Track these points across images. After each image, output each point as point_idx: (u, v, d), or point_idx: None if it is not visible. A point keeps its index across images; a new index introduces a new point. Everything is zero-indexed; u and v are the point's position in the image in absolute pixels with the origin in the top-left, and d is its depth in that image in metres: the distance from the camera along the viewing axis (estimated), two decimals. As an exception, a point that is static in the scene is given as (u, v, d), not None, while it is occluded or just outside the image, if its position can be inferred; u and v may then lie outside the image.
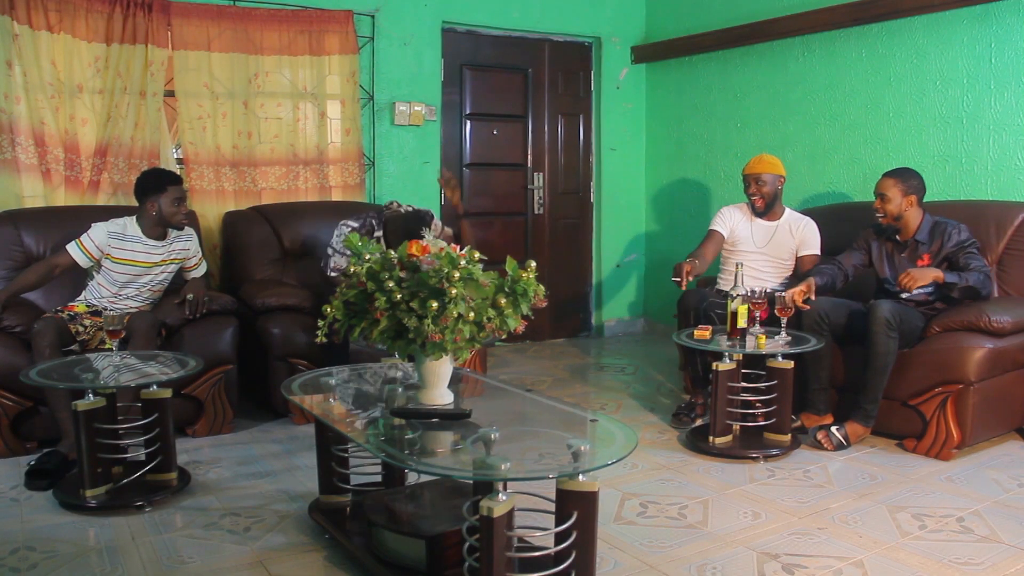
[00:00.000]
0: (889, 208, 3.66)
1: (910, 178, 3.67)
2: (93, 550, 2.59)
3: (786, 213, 4.17)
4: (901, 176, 3.68)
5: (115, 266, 3.60)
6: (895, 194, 3.64)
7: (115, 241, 3.59)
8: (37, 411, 3.41)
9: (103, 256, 3.59)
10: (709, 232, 4.21)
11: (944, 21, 4.30)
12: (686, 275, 3.75)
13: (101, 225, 3.60)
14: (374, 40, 5.08)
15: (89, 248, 3.56)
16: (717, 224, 4.20)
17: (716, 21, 5.48)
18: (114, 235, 3.59)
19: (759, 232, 4.13)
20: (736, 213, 4.21)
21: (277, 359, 3.85)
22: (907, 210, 3.65)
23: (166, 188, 3.61)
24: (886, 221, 3.70)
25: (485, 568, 1.96)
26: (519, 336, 2.44)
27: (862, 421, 3.54)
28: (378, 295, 2.31)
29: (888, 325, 3.39)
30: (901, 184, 3.64)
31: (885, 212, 3.68)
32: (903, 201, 3.64)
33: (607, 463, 2.11)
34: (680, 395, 4.39)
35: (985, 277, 3.50)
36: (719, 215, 4.23)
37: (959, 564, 2.51)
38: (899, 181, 3.65)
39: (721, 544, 2.66)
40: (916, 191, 3.66)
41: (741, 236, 4.15)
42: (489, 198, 5.79)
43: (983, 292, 3.49)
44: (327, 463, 2.74)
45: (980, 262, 3.54)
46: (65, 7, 4.17)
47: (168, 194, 3.61)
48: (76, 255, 3.56)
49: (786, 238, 4.11)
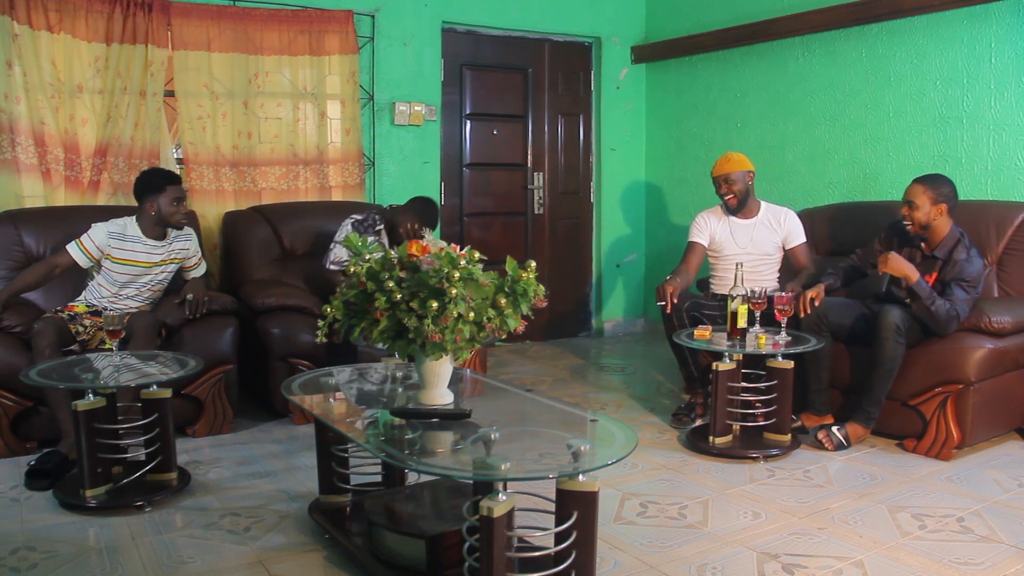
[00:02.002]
0: (917, 216, 3.48)
1: (941, 186, 3.48)
2: (93, 550, 2.59)
3: (763, 208, 4.12)
4: (932, 183, 3.48)
5: (115, 266, 3.60)
6: (924, 202, 3.46)
7: (115, 241, 3.59)
8: (37, 411, 3.41)
9: (103, 256, 3.59)
10: (690, 245, 4.15)
11: (944, 21, 4.30)
12: (670, 297, 3.77)
13: (101, 225, 3.60)
14: (374, 40, 5.08)
15: (89, 248, 3.56)
16: (695, 235, 4.15)
17: (716, 21, 5.48)
18: (114, 235, 3.59)
19: (739, 232, 4.08)
20: (711, 218, 4.15)
21: (277, 359, 3.85)
22: (936, 219, 3.47)
23: (165, 188, 3.60)
24: (914, 229, 3.53)
25: (485, 568, 1.96)
26: (519, 336, 2.44)
27: (863, 422, 3.54)
28: (378, 295, 2.31)
29: (897, 331, 3.38)
30: (931, 192, 3.45)
31: (913, 220, 3.50)
32: (932, 210, 3.46)
33: (607, 463, 2.11)
34: (680, 395, 4.39)
35: (951, 314, 3.34)
36: (695, 225, 4.17)
37: (959, 564, 2.51)
38: (929, 188, 3.46)
39: (721, 544, 2.66)
40: (947, 199, 3.46)
41: (722, 240, 4.10)
42: (489, 198, 5.79)
43: (940, 324, 3.36)
44: (327, 463, 2.74)
45: (963, 297, 3.37)
46: (65, 7, 4.17)
47: (167, 194, 3.60)
48: (76, 255, 3.56)
49: (768, 233, 4.07)
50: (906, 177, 4.40)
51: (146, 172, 3.77)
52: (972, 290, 3.41)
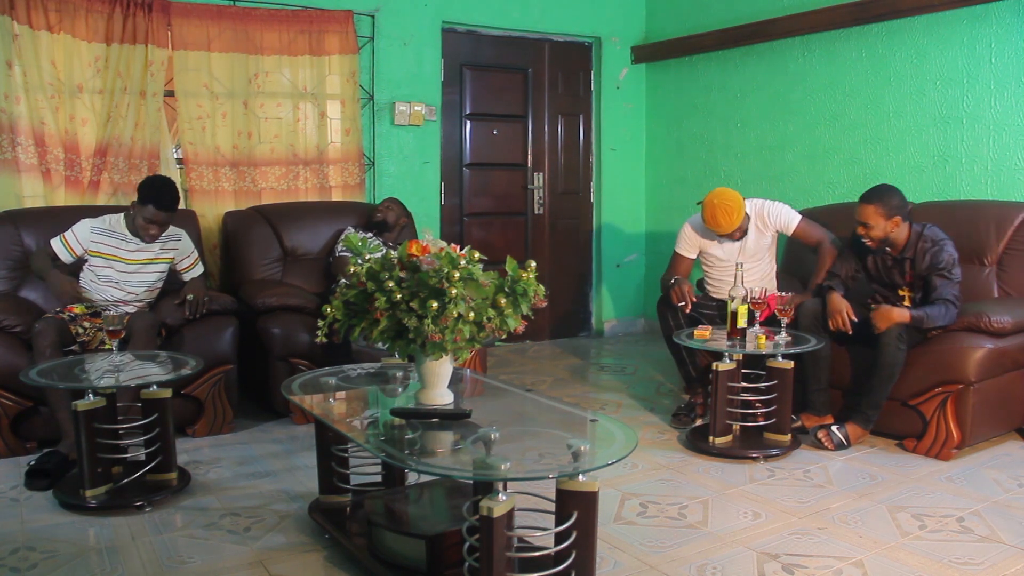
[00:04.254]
0: (874, 234, 3.49)
1: (890, 199, 3.46)
2: (93, 550, 2.59)
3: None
4: (881, 200, 3.46)
5: (97, 260, 3.61)
6: (877, 221, 3.46)
7: (98, 236, 3.61)
8: (37, 411, 3.41)
9: (84, 252, 3.60)
10: (676, 256, 4.11)
11: (944, 21, 4.30)
12: (688, 296, 3.79)
13: (86, 221, 3.63)
14: (374, 40, 5.07)
15: (71, 243, 3.59)
16: (683, 248, 4.10)
17: (716, 21, 5.48)
18: (97, 230, 3.62)
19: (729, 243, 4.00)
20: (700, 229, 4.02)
21: (277, 359, 3.85)
22: (892, 231, 3.49)
23: (146, 204, 3.55)
24: (874, 245, 3.55)
25: (485, 568, 1.96)
26: (519, 336, 2.44)
27: (861, 424, 3.55)
28: (378, 295, 2.31)
29: (899, 337, 3.38)
30: (882, 208, 3.45)
31: (871, 238, 3.52)
32: (887, 224, 3.47)
33: (607, 463, 2.11)
34: (680, 395, 4.39)
35: (946, 306, 3.37)
36: (682, 238, 4.10)
37: (959, 564, 2.51)
38: (879, 206, 3.45)
39: (721, 544, 2.66)
40: (899, 211, 3.46)
41: (712, 251, 4.05)
42: (489, 198, 5.79)
43: (942, 323, 3.39)
44: (327, 463, 2.74)
45: (947, 286, 3.39)
46: (65, 7, 4.17)
47: (147, 211, 3.55)
48: (58, 249, 3.60)
49: (757, 236, 3.99)
50: (906, 177, 4.43)
51: (151, 179, 3.72)
52: (951, 275, 3.42)
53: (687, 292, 3.80)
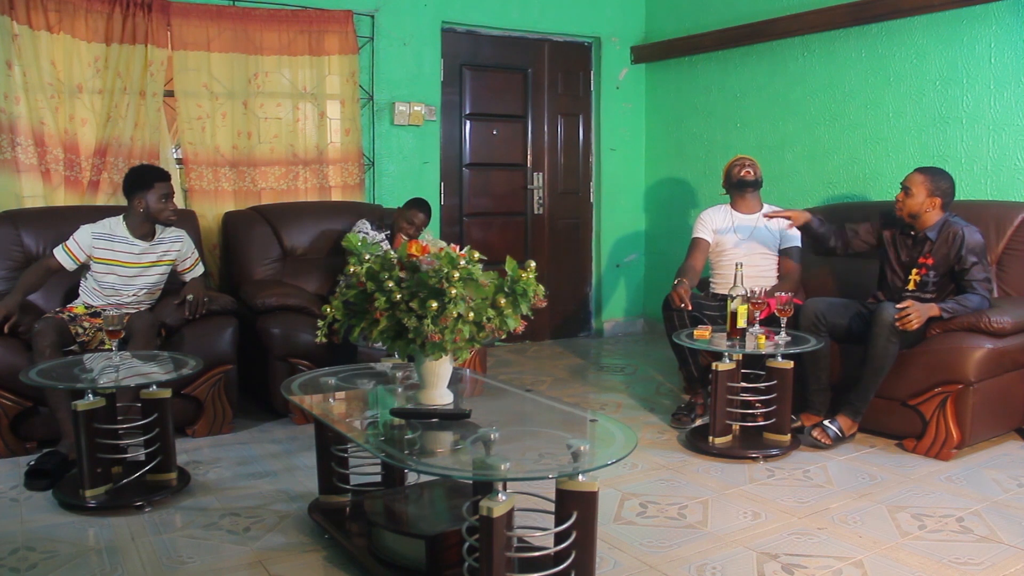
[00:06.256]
0: (910, 203, 3.52)
1: (940, 180, 3.51)
2: (93, 550, 2.59)
3: (765, 208, 4.17)
4: (932, 176, 3.51)
5: (99, 267, 3.59)
6: (920, 191, 3.50)
7: (99, 242, 3.58)
8: (37, 411, 3.41)
9: (88, 258, 3.58)
10: (695, 241, 4.19)
11: (944, 21, 4.30)
12: (686, 299, 3.80)
13: (86, 227, 3.60)
14: (374, 40, 5.08)
15: (74, 251, 3.56)
16: (700, 231, 4.19)
17: (716, 21, 5.48)
18: (98, 235, 3.58)
19: (741, 225, 4.14)
20: (716, 214, 4.20)
21: (277, 359, 3.85)
22: (928, 211, 3.52)
23: (153, 184, 3.58)
24: (903, 215, 3.57)
25: (485, 568, 1.96)
26: (519, 336, 2.44)
27: (850, 416, 3.55)
28: (378, 295, 2.31)
29: (891, 330, 3.38)
30: (929, 184, 3.49)
31: (904, 205, 3.54)
32: (926, 201, 3.50)
33: (607, 463, 2.11)
34: (680, 395, 4.39)
35: (983, 298, 3.42)
36: (700, 221, 4.22)
37: (959, 564, 2.51)
38: (928, 180, 3.49)
39: (721, 544, 2.66)
40: (943, 195, 3.50)
41: (724, 233, 4.15)
42: (489, 198, 5.79)
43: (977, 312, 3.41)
44: (327, 463, 2.74)
45: (983, 278, 3.43)
46: (65, 7, 4.17)
47: (155, 190, 3.58)
48: (62, 258, 3.56)
49: (767, 232, 4.12)
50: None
51: (134, 169, 3.76)
52: (984, 260, 3.46)
53: (683, 294, 3.81)
